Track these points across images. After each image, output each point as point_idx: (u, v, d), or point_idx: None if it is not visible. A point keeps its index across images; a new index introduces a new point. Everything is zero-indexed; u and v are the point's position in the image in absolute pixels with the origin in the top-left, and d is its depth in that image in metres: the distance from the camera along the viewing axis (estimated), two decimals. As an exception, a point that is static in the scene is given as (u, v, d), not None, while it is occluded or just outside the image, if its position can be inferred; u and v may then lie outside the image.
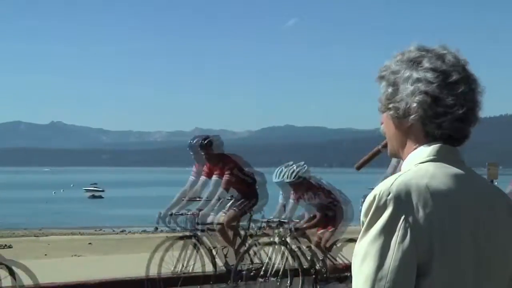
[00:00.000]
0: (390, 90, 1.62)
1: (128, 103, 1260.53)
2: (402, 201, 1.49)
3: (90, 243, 23.12)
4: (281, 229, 9.16)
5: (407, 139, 1.63)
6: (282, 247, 9.02)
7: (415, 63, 1.61)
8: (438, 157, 1.59)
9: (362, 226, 1.52)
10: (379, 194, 1.51)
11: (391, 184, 1.52)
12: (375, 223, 1.49)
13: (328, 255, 9.39)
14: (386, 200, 1.49)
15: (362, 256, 1.48)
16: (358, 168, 1.90)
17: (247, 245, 9.62)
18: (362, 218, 1.52)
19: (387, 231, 1.47)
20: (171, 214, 10.42)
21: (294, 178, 9.65)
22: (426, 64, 1.59)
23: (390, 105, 1.62)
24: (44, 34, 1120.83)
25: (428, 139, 1.61)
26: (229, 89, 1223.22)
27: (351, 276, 1.46)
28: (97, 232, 42.40)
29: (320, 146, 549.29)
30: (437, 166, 1.58)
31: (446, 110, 1.57)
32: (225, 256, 9.58)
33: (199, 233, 9.72)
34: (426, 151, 1.60)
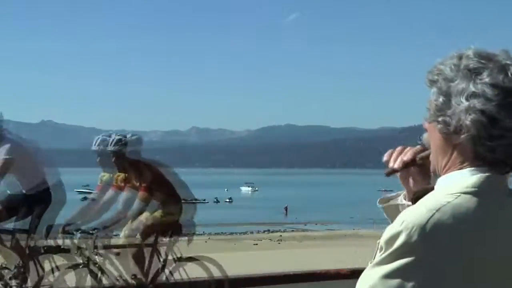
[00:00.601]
0: (441, 100, 1.49)
1: (123, 102, 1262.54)
2: (434, 246, 1.39)
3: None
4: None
5: (453, 156, 1.52)
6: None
7: (473, 73, 1.47)
8: (484, 189, 1.47)
9: (380, 250, 1.43)
10: (411, 230, 1.39)
11: (427, 222, 1.40)
12: (397, 258, 1.39)
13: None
14: (416, 239, 1.38)
15: (369, 286, 1.40)
16: (388, 174, 1.80)
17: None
18: (382, 242, 1.43)
19: (407, 275, 1.38)
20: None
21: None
22: (486, 78, 1.46)
23: (440, 118, 1.49)
24: (35, 31, 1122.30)
25: (476, 161, 1.49)
26: (228, 86, 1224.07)
27: None
28: (89, 237, 42.54)
29: (322, 146, 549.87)
30: (482, 203, 1.45)
31: (503, 133, 1.44)
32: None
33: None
34: (472, 178, 1.48)
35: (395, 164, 1.75)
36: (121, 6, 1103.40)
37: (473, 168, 1.48)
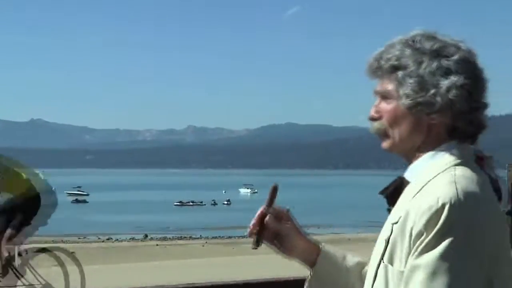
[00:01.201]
0: (412, 82, 1.64)
1: (116, 99, 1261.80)
2: (473, 213, 1.51)
3: (73, 252, 23.16)
4: None
5: (431, 134, 1.66)
6: None
7: (440, 52, 1.64)
8: (469, 159, 1.66)
9: (421, 236, 1.51)
10: (451, 204, 1.50)
11: (458, 194, 1.52)
12: (447, 236, 1.48)
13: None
14: (459, 212, 1.49)
15: (430, 272, 1.47)
16: (255, 247, 1.90)
17: None
18: (422, 227, 1.51)
19: (462, 246, 1.48)
20: None
21: None
22: (454, 55, 1.64)
23: (420, 99, 1.62)
24: (23, 25, 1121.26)
25: (452, 137, 1.66)
26: (226, 83, 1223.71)
27: None
28: (81, 240, 42.47)
29: (324, 145, 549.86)
30: (473, 171, 1.63)
31: (478, 104, 1.64)
32: None
33: None
34: (456, 152, 1.65)
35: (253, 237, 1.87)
36: (114, 0, 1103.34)
37: (453, 143, 1.66)
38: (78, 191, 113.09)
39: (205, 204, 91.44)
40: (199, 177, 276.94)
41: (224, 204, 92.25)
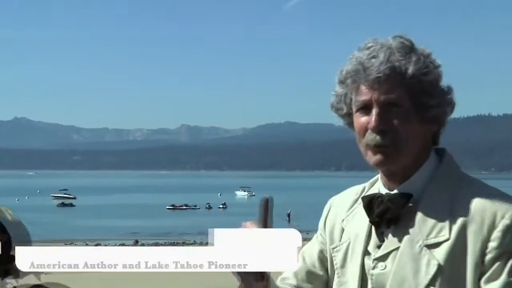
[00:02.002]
0: (432, 92, 1.74)
1: (104, 97, 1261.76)
2: None
3: None
4: None
5: (421, 147, 1.78)
6: None
7: (434, 62, 1.77)
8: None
9: (502, 256, 1.65)
10: None
11: None
12: None
13: None
14: None
15: None
16: None
17: None
18: (506, 247, 1.65)
19: None
20: None
21: None
22: (438, 66, 1.78)
23: (437, 111, 1.76)
24: (6, 19, 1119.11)
25: (434, 146, 1.83)
26: (221, 80, 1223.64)
27: None
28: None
29: (326, 145, 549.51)
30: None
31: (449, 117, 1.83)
32: None
33: None
34: (453, 158, 1.84)
35: None
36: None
37: (437, 152, 1.84)
38: (65, 194, 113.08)
39: (199, 208, 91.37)
40: (193, 179, 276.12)
41: (219, 208, 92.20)
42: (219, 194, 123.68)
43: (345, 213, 1.94)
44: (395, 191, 1.79)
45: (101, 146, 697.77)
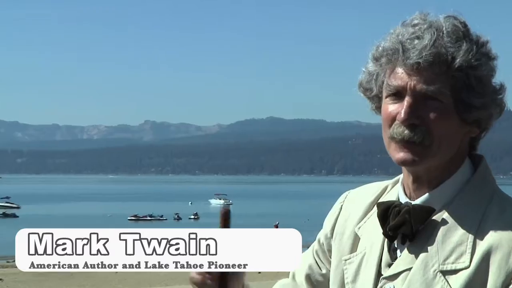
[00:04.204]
0: (482, 91, 1.71)
1: (54, 88, 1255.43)
2: None
3: (1, 279, 23.08)
4: None
5: (456, 152, 1.76)
6: None
7: (489, 53, 1.73)
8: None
9: None
10: None
11: None
12: None
13: None
14: None
15: None
16: None
17: None
18: None
19: None
20: None
21: None
22: (495, 56, 1.74)
23: (487, 113, 1.73)
24: None
25: (470, 152, 1.82)
26: (193, 68, 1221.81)
27: None
28: (9, 264, 42.07)
29: (316, 145, 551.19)
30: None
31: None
32: None
33: None
34: (489, 169, 1.82)
35: None
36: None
37: (479, 154, 1.83)
38: (6, 202, 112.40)
39: (166, 219, 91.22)
40: (159, 184, 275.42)
41: (190, 218, 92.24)
42: (190, 202, 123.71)
43: (360, 218, 1.92)
44: (417, 201, 1.77)
45: (49, 146, 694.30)
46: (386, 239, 1.82)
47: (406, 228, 1.74)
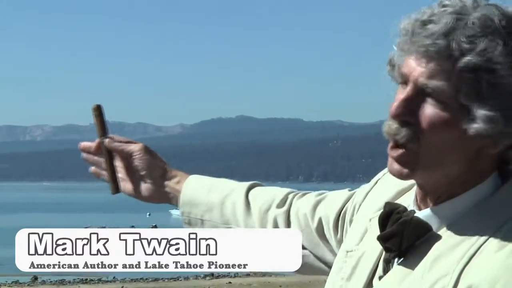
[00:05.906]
0: (502, 100, 1.59)
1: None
2: None
3: None
4: None
5: (470, 167, 1.66)
6: None
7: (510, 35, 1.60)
8: None
9: None
10: None
11: None
12: None
13: None
14: None
15: None
16: (114, 192, 2.53)
17: None
18: None
19: None
20: None
21: None
22: None
23: (506, 129, 1.60)
24: None
25: (505, 167, 1.69)
26: (152, 61, 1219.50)
27: None
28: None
29: (292, 148, 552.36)
30: None
31: None
32: None
33: None
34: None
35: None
36: None
37: (496, 175, 1.70)
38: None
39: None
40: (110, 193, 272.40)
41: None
42: (148, 214, 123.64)
43: (378, 208, 1.87)
44: (419, 213, 1.73)
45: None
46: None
47: (395, 241, 1.71)
